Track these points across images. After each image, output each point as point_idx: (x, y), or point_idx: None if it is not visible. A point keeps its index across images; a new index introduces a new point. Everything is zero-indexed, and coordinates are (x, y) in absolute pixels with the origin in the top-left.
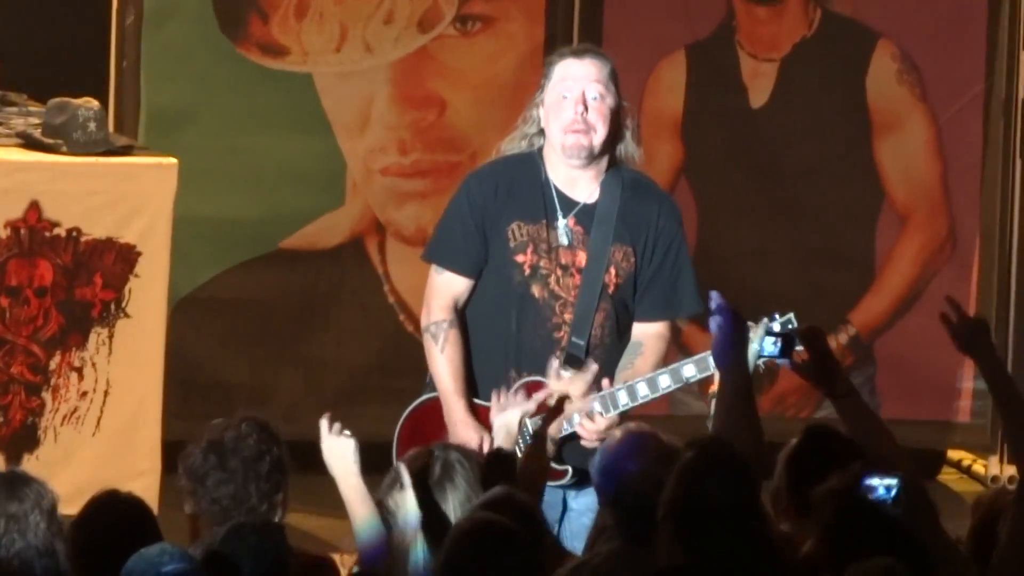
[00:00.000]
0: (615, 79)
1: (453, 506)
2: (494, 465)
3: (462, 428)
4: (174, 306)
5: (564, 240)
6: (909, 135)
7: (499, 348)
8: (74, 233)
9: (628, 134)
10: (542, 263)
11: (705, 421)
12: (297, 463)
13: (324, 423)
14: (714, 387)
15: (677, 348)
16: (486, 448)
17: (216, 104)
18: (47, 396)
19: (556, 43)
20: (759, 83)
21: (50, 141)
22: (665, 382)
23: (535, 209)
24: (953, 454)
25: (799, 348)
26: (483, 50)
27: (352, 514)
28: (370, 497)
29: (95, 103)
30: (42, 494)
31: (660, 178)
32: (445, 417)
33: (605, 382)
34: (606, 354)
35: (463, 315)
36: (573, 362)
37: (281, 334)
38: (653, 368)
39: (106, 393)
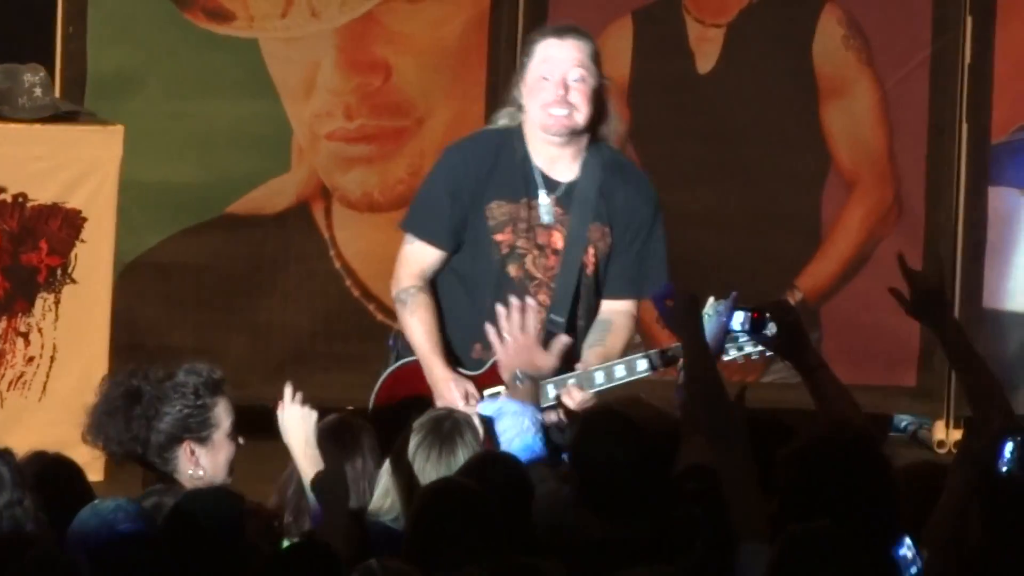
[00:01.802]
0: (597, 58)
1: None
2: None
3: (444, 385)
4: (120, 271)
5: (546, 218)
6: (855, 100)
7: (470, 323)
8: (20, 198)
9: (611, 112)
10: (520, 242)
11: (676, 387)
12: (243, 427)
13: (288, 391)
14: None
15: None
16: (473, 403)
17: (162, 69)
18: None
19: (502, 9)
20: (706, 48)
21: None
22: (643, 366)
23: (515, 187)
24: (899, 419)
25: (771, 326)
26: (429, 15)
27: (305, 477)
28: (323, 465)
29: (41, 69)
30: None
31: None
32: (427, 377)
33: (582, 361)
34: (582, 334)
35: (434, 285)
36: (551, 339)
37: (227, 299)
38: (623, 345)
39: (52, 358)
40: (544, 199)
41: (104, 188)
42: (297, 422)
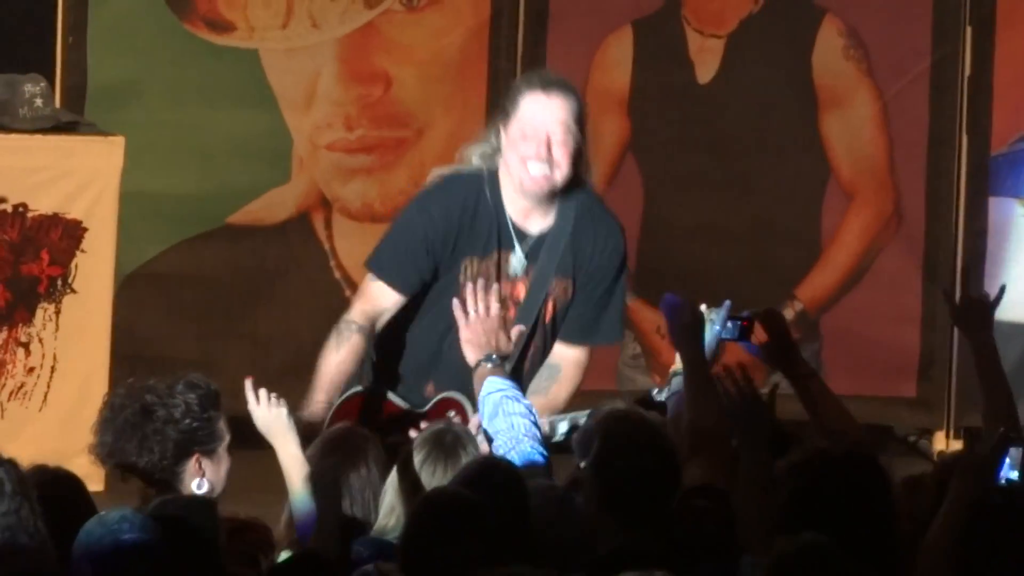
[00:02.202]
0: (582, 118)
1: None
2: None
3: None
4: (120, 282)
5: (515, 271)
6: (855, 111)
7: (424, 363)
8: (20, 209)
9: (590, 165)
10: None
11: (652, 395)
12: (244, 439)
13: (251, 394)
14: (675, 366)
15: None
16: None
17: (162, 80)
18: None
19: (503, 18)
20: (706, 59)
21: None
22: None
23: (488, 241)
24: (899, 430)
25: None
26: (429, 26)
27: (290, 483)
28: (307, 467)
29: (41, 79)
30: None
31: (606, 154)
32: (305, 407)
33: (559, 390)
34: (528, 376)
35: (392, 324)
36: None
37: (227, 310)
38: (568, 396)
39: (53, 369)
40: (517, 253)
41: (104, 198)
42: (271, 421)
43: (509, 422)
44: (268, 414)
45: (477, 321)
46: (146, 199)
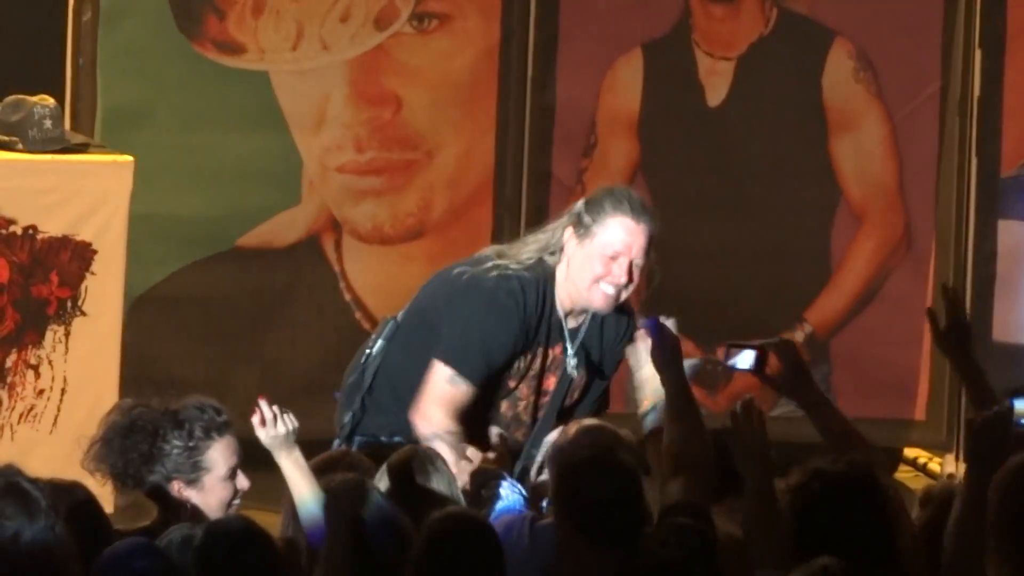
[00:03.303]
0: (654, 239)
1: (438, 488)
2: None
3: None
4: (130, 304)
5: (573, 368)
6: (865, 133)
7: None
8: (30, 231)
9: None
10: (521, 389)
11: (640, 419)
12: (253, 460)
13: (258, 413)
14: (646, 404)
15: None
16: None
17: (172, 102)
18: (3, 394)
19: (512, 40)
20: (716, 82)
21: (5, 139)
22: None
23: (538, 338)
24: (909, 452)
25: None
26: (439, 48)
27: (296, 489)
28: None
29: (51, 100)
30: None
31: (617, 175)
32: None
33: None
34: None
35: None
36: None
37: (237, 332)
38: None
39: (63, 391)
40: (570, 355)
41: (114, 220)
42: (277, 436)
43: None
44: (276, 432)
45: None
46: (156, 221)
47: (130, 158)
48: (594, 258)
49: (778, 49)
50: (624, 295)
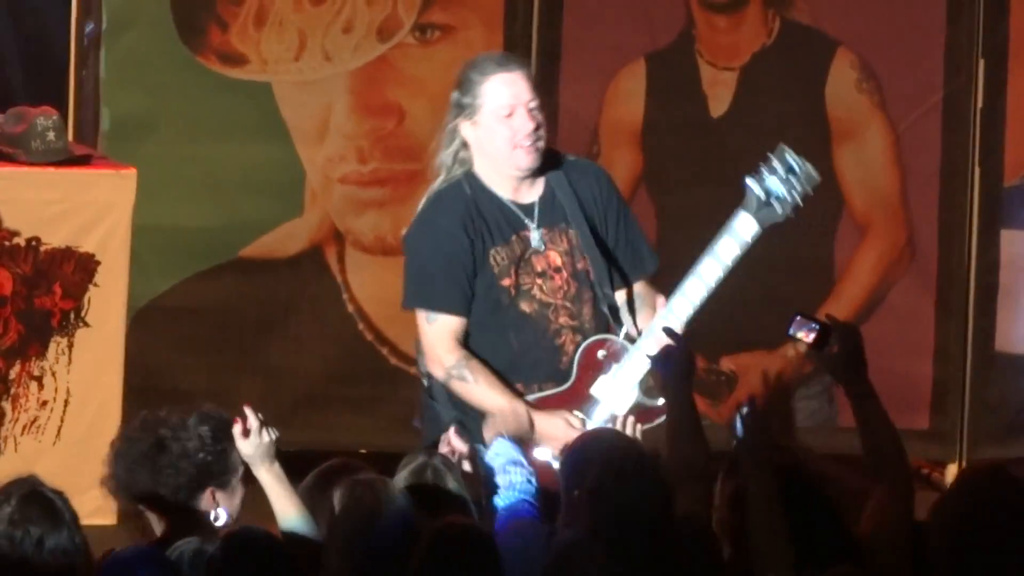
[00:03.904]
0: (533, 78)
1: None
2: None
3: (553, 425)
4: (133, 315)
5: (537, 244)
6: (868, 143)
7: (504, 368)
8: (33, 242)
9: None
10: (523, 279)
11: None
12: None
13: (240, 423)
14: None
15: None
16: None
17: (175, 113)
18: (7, 406)
19: (515, 51)
20: (719, 92)
21: (9, 150)
22: (712, 268)
23: (502, 229)
24: (912, 462)
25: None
26: (442, 58)
27: (278, 504)
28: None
29: (54, 112)
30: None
31: (619, 186)
32: (518, 428)
33: (660, 300)
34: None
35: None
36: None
37: (240, 343)
38: (663, 305)
39: (66, 402)
40: (532, 228)
41: (117, 232)
42: (259, 448)
43: (507, 480)
44: (259, 443)
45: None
46: (159, 232)
47: (133, 169)
48: (493, 127)
49: (781, 59)
50: (542, 140)
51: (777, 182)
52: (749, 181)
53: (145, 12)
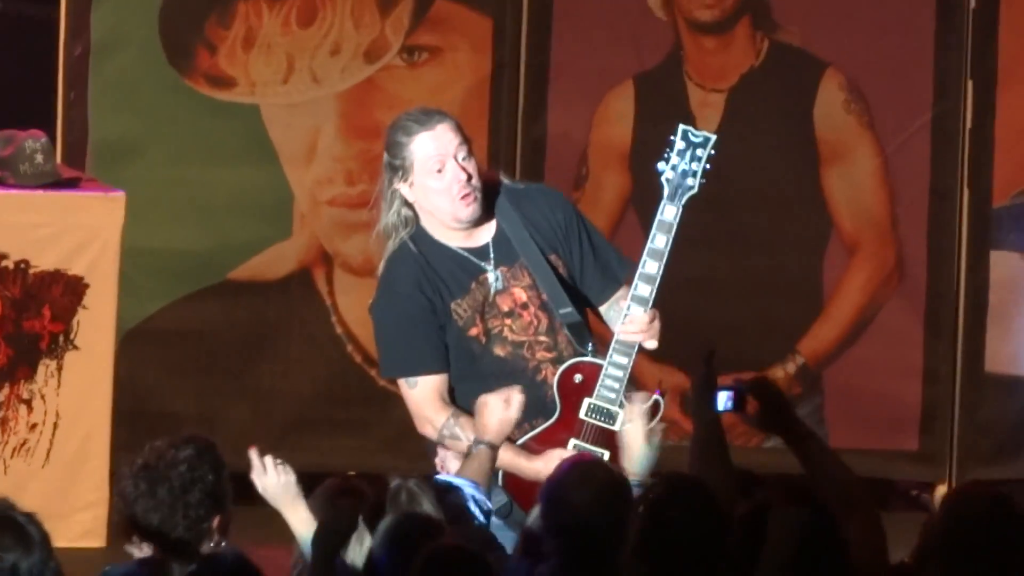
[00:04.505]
0: (460, 125)
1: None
2: None
3: (543, 464)
4: (122, 338)
5: (498, 286)
6: (856, 164)
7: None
8: (22, 265)
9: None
10: (491, 323)
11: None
12: (245, 495)
13: (256, 460)
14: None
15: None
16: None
17: (164, 136)
18: None
19: (503, 73)
20: (707, 113)
21: None
22: (652, 264)
23: (459, 280)
24: (901, 483)
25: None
26: (430, 80)
27: (306, 547)
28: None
29: (42, 135)
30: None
31: (608, 208)
32: (523, 474)
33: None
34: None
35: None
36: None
37: (229, 365)
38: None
39: (55, 425)
40: (489, 270)
41: (106, 254)
42: (280, 488)
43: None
44: (276, 483)
45: (498, 410)
46: (147, 255)
47: (122, 192)
48: (427, 183)
49: (769, 80)
50: (477, 185)
51: (682, 159)
52: (660, 167)
53: (133, 35)
